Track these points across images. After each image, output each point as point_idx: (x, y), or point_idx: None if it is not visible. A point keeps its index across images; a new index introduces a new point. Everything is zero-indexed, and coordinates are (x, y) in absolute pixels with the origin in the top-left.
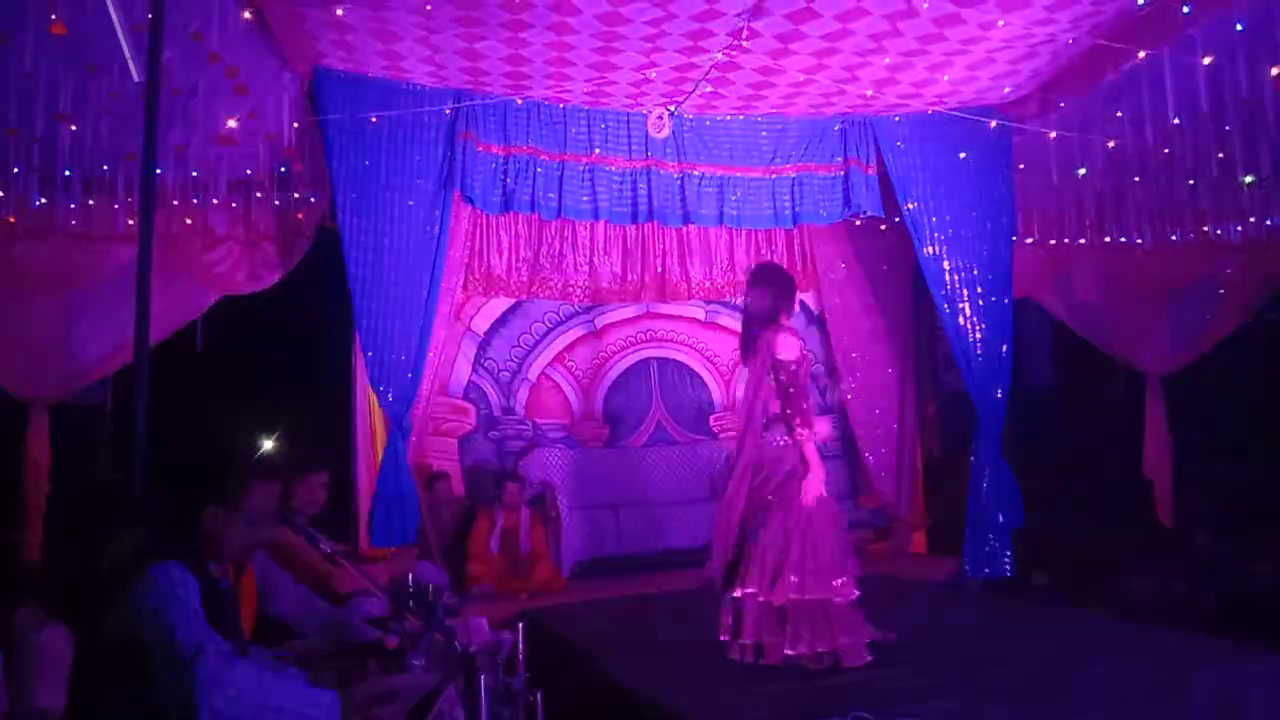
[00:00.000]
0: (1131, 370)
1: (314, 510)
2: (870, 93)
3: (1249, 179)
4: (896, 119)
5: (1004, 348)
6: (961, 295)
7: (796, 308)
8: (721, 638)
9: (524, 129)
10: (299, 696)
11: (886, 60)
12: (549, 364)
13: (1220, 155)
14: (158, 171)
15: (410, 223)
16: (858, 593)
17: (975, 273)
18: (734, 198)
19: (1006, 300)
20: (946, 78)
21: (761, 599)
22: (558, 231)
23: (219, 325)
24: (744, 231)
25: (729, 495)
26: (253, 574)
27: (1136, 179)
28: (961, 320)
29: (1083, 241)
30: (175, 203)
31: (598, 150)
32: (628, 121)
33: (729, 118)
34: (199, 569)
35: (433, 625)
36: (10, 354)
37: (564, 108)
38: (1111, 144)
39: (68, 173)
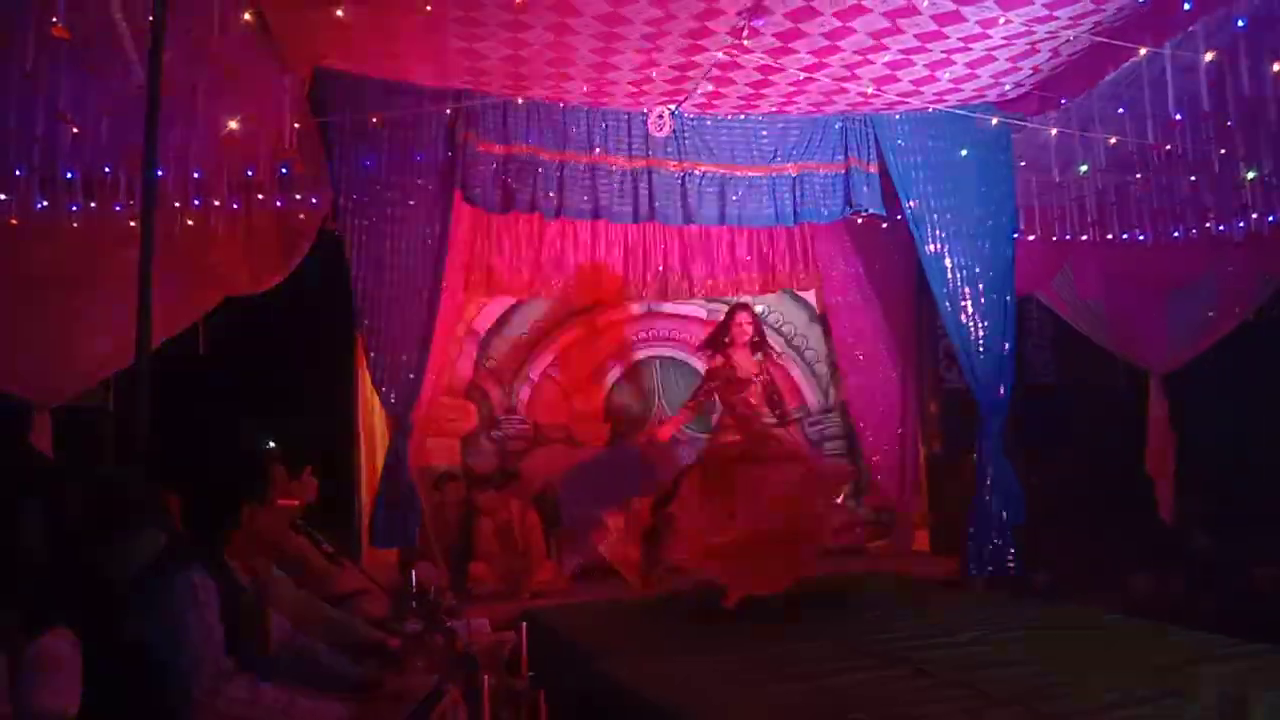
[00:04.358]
0: (1133, 368)
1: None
2: (871, 90)
3: (1250, 175)
4: (897, 117)
5: (1006, 345)
6: (963, 293)
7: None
8: None
9: (524, 129)
10: (305, 714)
11: (887, 58)
12: (550, 363)
13: (1222, 152)
14: (159, 173)
15: (411, 223)
16: None
17: (977, 270)
18: (735, 196)
19: (1008, 298)
20: (947, 75)
21: None
22: (559, 231)
23: (220, 326)
24: (745, 230)
25: None
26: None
27: (1138, 176)
28: (963, 318)
29: (1084, 239)
30: (176, 204)
31: (598, 150)
32: (628, 121)
33: (730, 116)
34: (220, 573)
35: (434, 626)
36: (12, 355)
37: (564, 107)
38: (1113, 141)
39: (69, 174)
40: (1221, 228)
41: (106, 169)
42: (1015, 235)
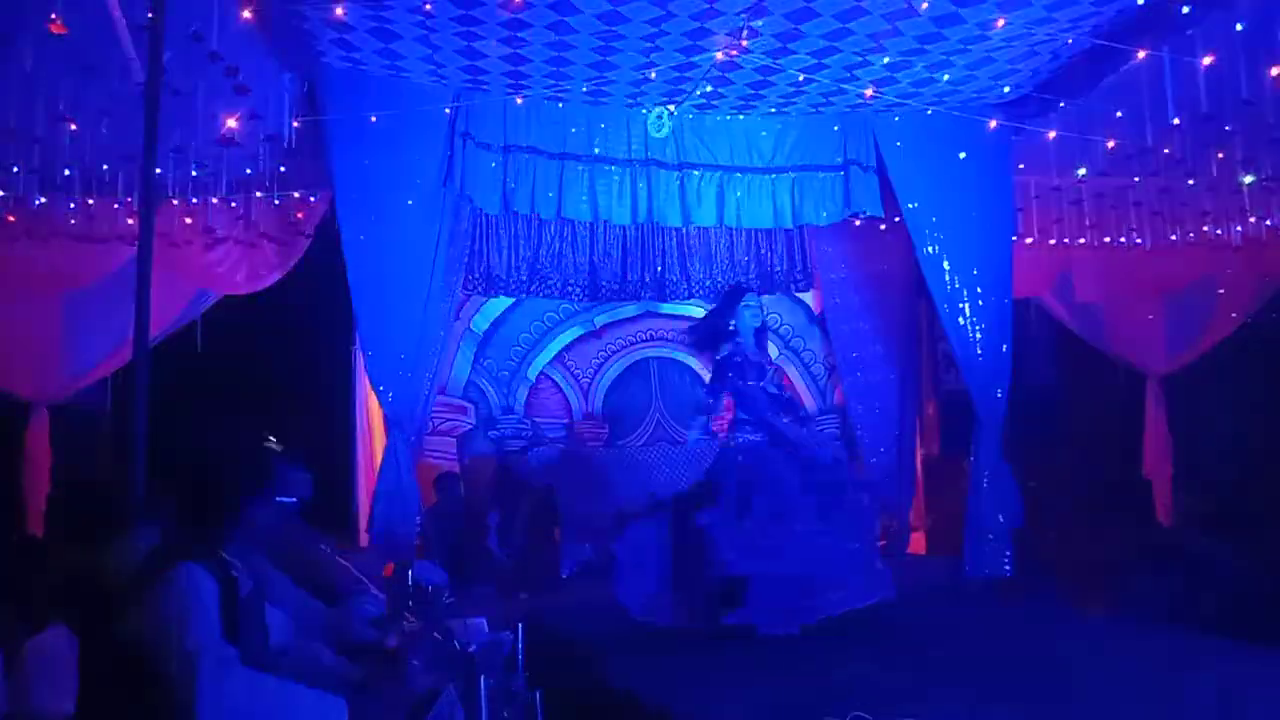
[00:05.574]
0: (1131, 370)
1: None
2: (870, 92)
3: (1248, 179)
4: (896, 119)
5: (1004, 348)
6: (961, 295)
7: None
8: None
9: (523, 128)
10: (302, 705)
11: (886, 60)
12: (549, 364)
13: (1220, 155)
14: (158, 171)
15: (410, 222)
16: None
17: (975, 273)
18: (734, 197)
19: (1006, 300)
20: (946, 77)
21: None
22: (557, 231)
23: (218, 325)
24: (744, 231)
25: None
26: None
27: (1136, 179)
28: (961, 320)
29: (1082, 241)
30: (175, 202)
31: (597, 150)
32: (627, 121)
33: (729, 117)
34: (219, 570)
35: (432, 625)
36: (10, 354)
37: (563, 107)
38: (1111, 144)
39: (68, 172)
40: (1219, 231)
41: (106, 168)
42: (1014, 238)
